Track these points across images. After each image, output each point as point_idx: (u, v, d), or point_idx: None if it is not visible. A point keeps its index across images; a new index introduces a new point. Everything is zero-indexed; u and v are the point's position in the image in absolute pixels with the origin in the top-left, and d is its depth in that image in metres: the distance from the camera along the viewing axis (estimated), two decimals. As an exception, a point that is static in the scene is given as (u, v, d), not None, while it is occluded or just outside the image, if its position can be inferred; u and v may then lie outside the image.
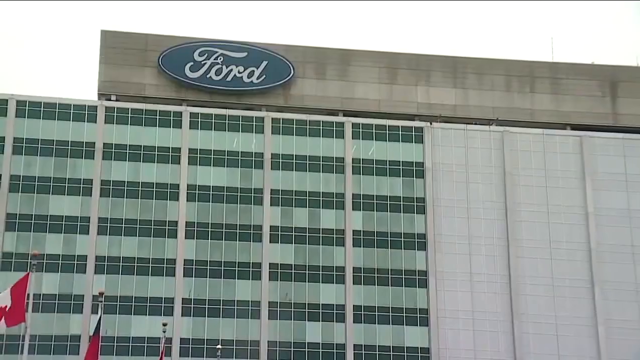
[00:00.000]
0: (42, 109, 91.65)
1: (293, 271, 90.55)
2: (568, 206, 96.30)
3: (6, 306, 27.82)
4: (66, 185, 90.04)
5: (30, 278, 28.98)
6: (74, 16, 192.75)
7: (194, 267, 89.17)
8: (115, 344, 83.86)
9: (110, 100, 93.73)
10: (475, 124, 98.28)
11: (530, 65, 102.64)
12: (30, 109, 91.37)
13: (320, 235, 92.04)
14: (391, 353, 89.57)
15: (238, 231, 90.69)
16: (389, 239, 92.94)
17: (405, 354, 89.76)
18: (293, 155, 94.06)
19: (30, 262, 30.60)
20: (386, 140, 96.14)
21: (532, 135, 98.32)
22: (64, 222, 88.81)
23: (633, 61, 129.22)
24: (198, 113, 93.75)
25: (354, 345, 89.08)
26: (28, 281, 28.98)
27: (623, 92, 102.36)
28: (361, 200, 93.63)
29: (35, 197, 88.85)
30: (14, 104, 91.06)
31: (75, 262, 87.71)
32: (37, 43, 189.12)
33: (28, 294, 28.64)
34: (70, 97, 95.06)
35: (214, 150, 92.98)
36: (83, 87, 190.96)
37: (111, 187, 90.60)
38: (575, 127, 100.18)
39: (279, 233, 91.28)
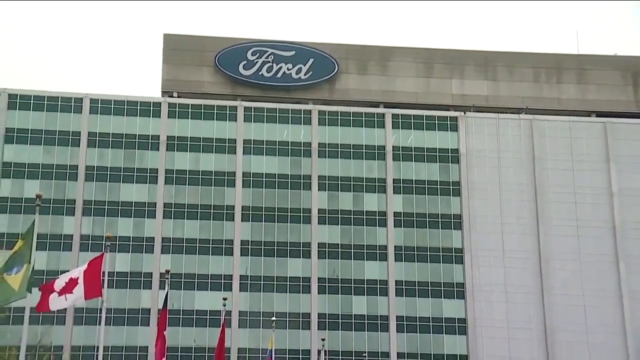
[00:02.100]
0: (112, 106, 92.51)
1: (339, 250, 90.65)
2: (593, 187, 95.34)
3: (77, 278, 27.86)
4: (134, 174, 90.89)
5: (105, 258, 29.31)
6: (137, 20, 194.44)
7: (249, 247, 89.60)
8: (181, 316, 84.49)
9: (172, 97, 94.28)
10: (506, 112, 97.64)
11: (557, 58, 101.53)
12: (102, 106, 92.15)
13: (364, 216, 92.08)
14: (430, 324, 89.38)
15: (289, 214, 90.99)
16: (427, 219, 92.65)
17: (444, 324, 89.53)
18: (338, 144, 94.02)
19: (105, 244, 31.09)
20: (423, 129, 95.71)
21: (559, 123, 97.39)
22: (133, 208, 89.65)
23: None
24: (251, 107, 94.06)
25: (396, 316, 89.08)
26: (103, 261, 29.22)
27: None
28: (401, 185, 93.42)
29: (107, 186, 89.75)
30: (88, 102, 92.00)
31: (144, 243, 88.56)
32: (105, 46, 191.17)
33: (103, 272, 29.05)
34: (137, 94, 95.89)
35: (266, 141, 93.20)
36: (147, 86, 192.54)
37: (174, 175, 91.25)
38: (599, 114, 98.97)
39: (326, 215, 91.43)
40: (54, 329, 76.70)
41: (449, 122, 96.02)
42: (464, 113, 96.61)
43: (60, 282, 27.21)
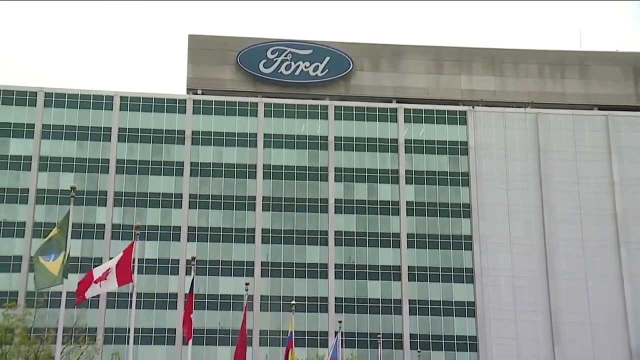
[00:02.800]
0: (140, 103, 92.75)
1: (355, 237, 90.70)
2: (596, 177, 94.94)
3: (110, 268, 28.05)
4: (162, 167, 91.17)
5: (135, 246, 29.53)
6: (163, 22, 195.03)
7: (270, 235, 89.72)
8: (206, 300, 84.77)
9: (197, 94, 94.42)
10: (512, 107, 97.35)
11: (561, 54, 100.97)
12: (131, 103, 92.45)
13: (378, 206, 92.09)
14: (441, 307, 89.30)
15: (307, 204, 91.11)
16: (438, 208, 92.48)
17: (454, 307, 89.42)
18: (353, 137, 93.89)
19: (134, 232, 31.37)
20: (434, 123, 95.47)
21: (563, 116, 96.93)
22: (161, 198, 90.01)
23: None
24: (271, 103, 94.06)
25: (408, 300, 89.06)
26: (133, 248, 29.42)
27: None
28: (413, 175, 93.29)
29: (137, 178, 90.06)
30: (118, 100, 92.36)
31: (171, 232, 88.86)
32: (134, 47, 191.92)
33: (133, 259, 29.33)
34: (163, 92, 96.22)
35: (285, 135, 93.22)
36: (173, 83, 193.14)
37: (199, 168, 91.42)
38: (601, 108, 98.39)
39: (342, 205, 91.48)
40: (88, 312, 77.20)
41: (458, 116, 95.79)
42: (473, 107, 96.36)
43: (97, 273, 27.42)
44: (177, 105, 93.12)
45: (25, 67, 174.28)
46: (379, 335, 69.91)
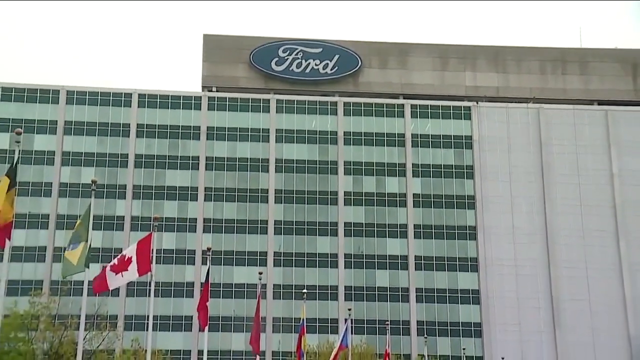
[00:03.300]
0: (158, 100, 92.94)
1: (364, 228, 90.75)
2: (595, 169, 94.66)
3: (131, 257, 27.93)
4: (178, 161, 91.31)
5: (153, 237, 29.45)
6: (178, 22, 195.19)
7: (282, 226, 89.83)
8: (221, 289, 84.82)
9: (211, 91, 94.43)
10: (515, 102, 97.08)
11: (562, 51, 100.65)
12: (149, 100, 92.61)
13: (386, 198, 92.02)
14: (447, 295, 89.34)
15: (317, 196, 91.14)
16: (443, 200, 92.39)
17: (459, 295, 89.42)
18: (362, 132, 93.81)
19: (152, 224, 31.38)
20: (439, 118, 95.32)
21: (564, 111, 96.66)
22: (177, 192, 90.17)
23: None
24: (283, 99, 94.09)
25: (415, 288, 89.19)
26: (151, 239, 29.32)
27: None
28: (419, 169, 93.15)
29: (154, 172, 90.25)
30: (137, 97, 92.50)
31: (187, 223, 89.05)
32: (151, 46, 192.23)
33: (152, 250, 29.34)
34: (179, 89, 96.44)
35: (296, 130, 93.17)
36: (189, 81, 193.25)
37: (214, 162, 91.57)
38: (601, 103, 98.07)
39: (352, 197, 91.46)
40: (109, 300, 77.31)
41: (462, 112, 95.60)
42: (477, 103, 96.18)
43: (113, 261, 27.49)
44: (193, 102, 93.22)
45: (48, 66, 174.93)
46: (387, 322, 69.86)
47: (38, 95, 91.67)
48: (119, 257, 28.16)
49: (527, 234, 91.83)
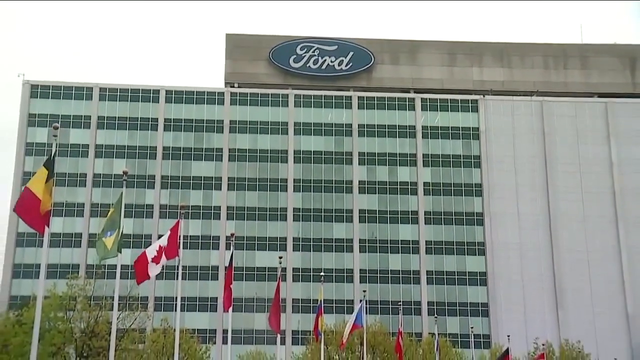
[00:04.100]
0: (184, 95, 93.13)
1: (377, 215, 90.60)
2: (596, 158, 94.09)
3: (164, 246, 28.14)
4: (203, 153, 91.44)
5: (180, 224, 29.54)
6: (202, 23, 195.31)
7: (300, 213, 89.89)
8: (244, 272, 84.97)
9: (233, 87, 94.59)
10: (520, 95, 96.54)
11: (563, 47, 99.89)
12: (175, 96, 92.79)
13: (398, 186, 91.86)
14: (455, 277, 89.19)
15: (334, 185, 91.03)
16: (452, 188, 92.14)
17: (467, 277, 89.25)
18: (375, 124, 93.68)
19: (180, 212, 31.51)
20: (448, 111, 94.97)
21: (566, 103, 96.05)
22: (202, 181, 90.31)
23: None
24: (300, 94, 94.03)
25: (426, 271, 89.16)
26: (179, 226, 29.45)
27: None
28: (429, 158, 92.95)
29: (181, 163, 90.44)
30: (164, 93, 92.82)
31: (212, 211, 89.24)
32: (177, 45, 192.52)
33: (179, 236, 29.44)
34: (204, 86, 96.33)
35: (313, 123, 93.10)
36: (212, 78, 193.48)
37: (236, 153, 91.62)
38: (601, 95, 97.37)
39: (366, 186, 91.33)
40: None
41: (470, 104, 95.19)
42: (483, 96, 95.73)
43: (151, 252, 27.57)
44: (216, 97, 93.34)
45: (82, 65, 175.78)
46: (399, 303, 69.89)
47: (73, 92, 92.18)
48: (157, 249, 28.15)
49: (531, 219, 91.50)
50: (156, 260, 27.53)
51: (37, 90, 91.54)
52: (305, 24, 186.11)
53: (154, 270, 27.41)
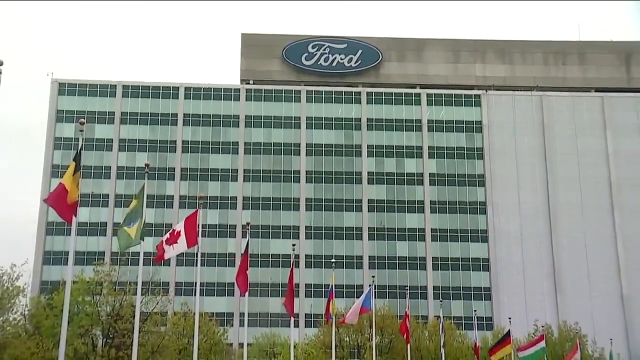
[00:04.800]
0: (202, 92, 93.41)
1: (385, 204, 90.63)
2: (593, 150, 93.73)
3: (180, 231, 27.89)
4: (220, 146, 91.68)
5: (199, 213, 29.58)
6: (218, 23, 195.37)
7: (313, 203, 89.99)
8: (259, 259, 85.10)
9: (249, 83, 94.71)
10: (520, 90, 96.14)
11: (562, 44, 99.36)
12: (194, 92, 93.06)
13: (405, 177, 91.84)
14: (460, 263, 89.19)
15: (344, 176, 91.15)
16: (456, 178, 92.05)
17: (470, 263, 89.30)
18: (383, 119, 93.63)
19: (198, 202, 31.58)
20: (452, 105, 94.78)
21: (564, 98, 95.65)
22: (219, 173, 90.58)
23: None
24: (312, 90, 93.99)
25: (432, 257, 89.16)
26: (197, 215, 29.55)
27: (635, 61, 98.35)
28: (434, 151, 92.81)
29: (199, 156, 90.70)
30: (183, 90, 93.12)
31: (229, 201, 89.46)
32: (195, 44, 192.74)
33: (198, 225, 29.58)
34: (220, 83, 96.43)
35: (324, 117, 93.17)
36: (229, 75, 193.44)
37: (252, 146, 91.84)
38: (598, 90, 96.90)
39: (374, 177, 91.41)
40: (162, 269, 77.84)
41: (473, 99, 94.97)
42: (486, 91, 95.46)
43: (166, 236, 27.91)
44: (232, 93, 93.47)
45: (106, 64, 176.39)
46: (406, 288, 70.01)
47: (98, 89, 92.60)
48: (170, 231, 28.57)
49: (531, 208, 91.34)
50: (168, 242, 27.80)
51: (65, 88, 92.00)
52: (316, 23, 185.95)
53: (168, 252, 27.69)
